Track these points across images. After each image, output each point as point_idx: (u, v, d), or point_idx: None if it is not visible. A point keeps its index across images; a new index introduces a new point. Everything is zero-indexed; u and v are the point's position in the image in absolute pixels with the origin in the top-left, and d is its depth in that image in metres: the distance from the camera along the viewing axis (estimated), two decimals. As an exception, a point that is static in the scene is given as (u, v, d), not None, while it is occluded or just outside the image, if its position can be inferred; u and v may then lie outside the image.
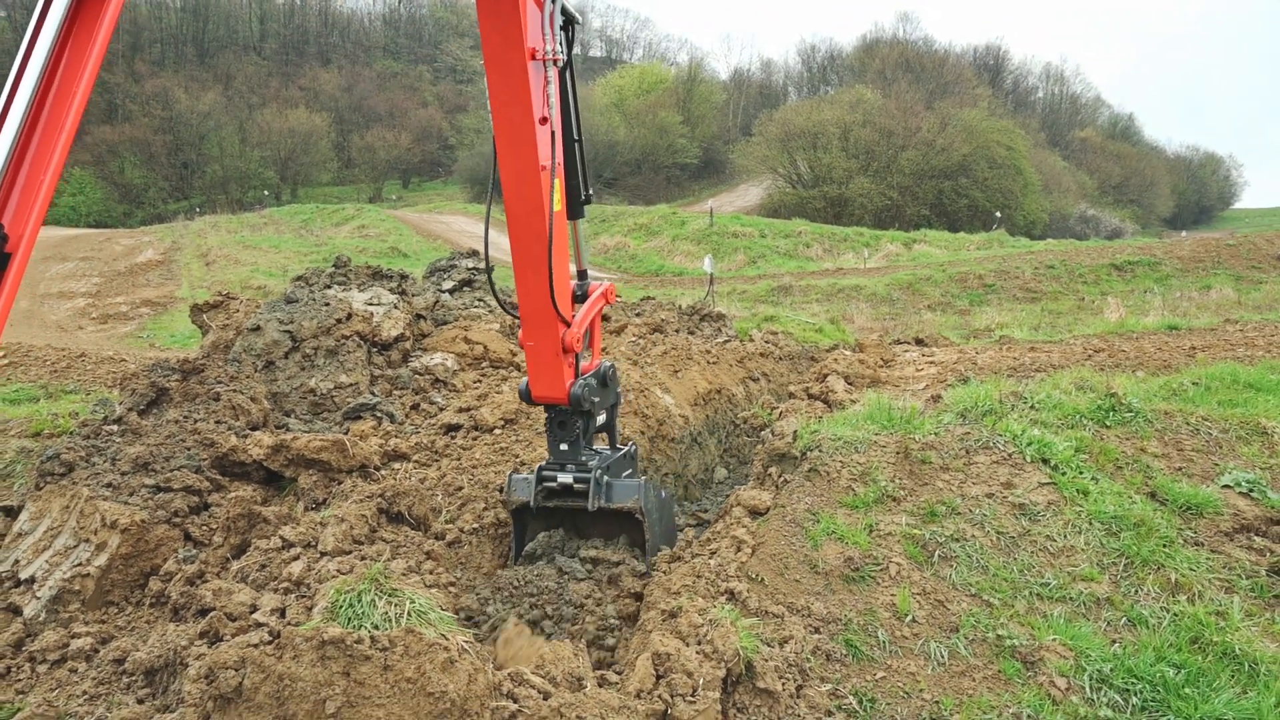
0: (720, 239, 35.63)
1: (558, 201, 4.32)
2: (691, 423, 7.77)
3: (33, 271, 30.48)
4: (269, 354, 6.63)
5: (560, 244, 4.37)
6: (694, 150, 72.01)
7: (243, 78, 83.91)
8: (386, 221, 42.65)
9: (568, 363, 4.59)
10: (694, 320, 12.33)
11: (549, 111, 4.10)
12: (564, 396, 4.59)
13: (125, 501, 4.82)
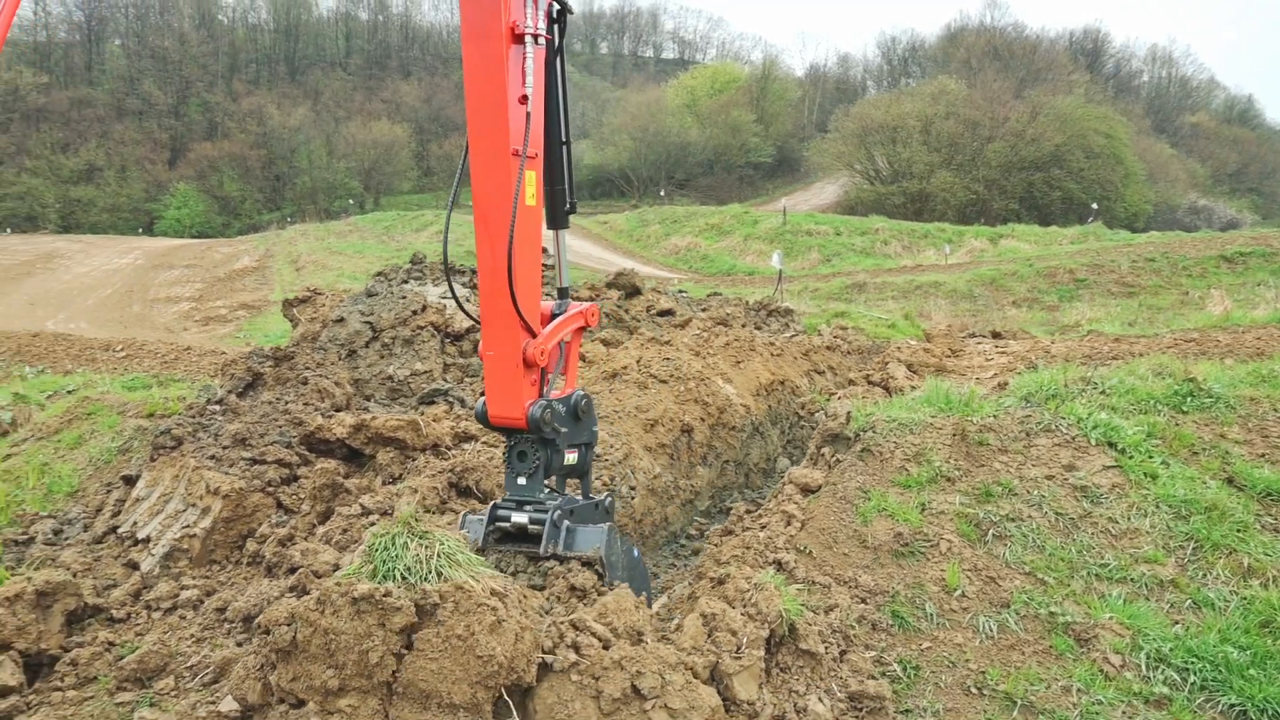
0: (793, 237, 35.42)
1: (531, 196, 3.83)
2: (753, 412, 7.88)
3: (143, 278, 32.35)
4: (351, 343, 7.01)
5: (528, 243, 3.80)
6: (767, 149, 71.63)
7: (330, 93, 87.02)
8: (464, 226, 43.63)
9: (530, 379, 3.94)
10: (761, 315, 12.41)
11: (527, 90, 3.70)
12: (521, 418, 3.91)
13: (226, 472, 5.23)
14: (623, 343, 8.66)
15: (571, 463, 4.20)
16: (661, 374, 7.16)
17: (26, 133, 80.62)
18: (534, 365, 3.90)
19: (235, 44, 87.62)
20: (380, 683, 3.13)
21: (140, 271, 34.80)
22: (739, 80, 76.67)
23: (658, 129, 64.73)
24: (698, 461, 6.85)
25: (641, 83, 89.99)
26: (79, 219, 70.25)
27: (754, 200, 61.36)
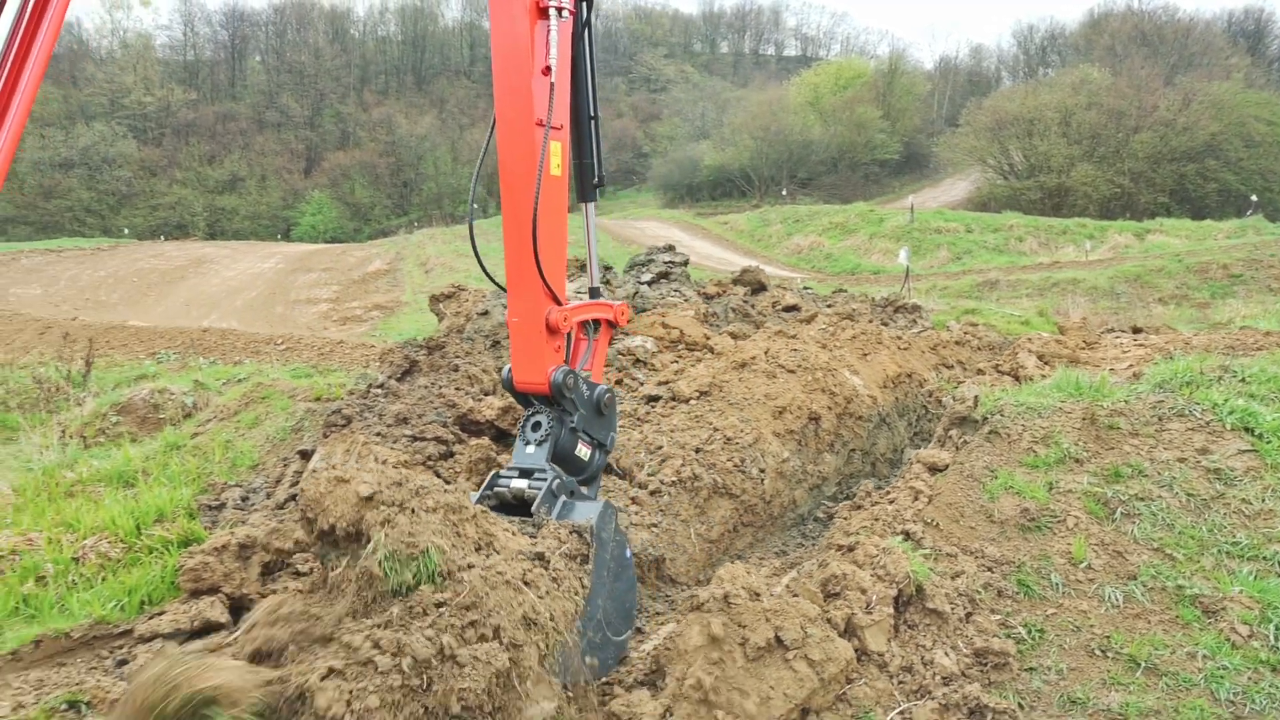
0: (921, 235, 34.83)
1: (556, 166, 3.94)
2: (880, 403, 8.11)
3: (284, 281, 34.77)
4: (495, 334, 7.66)
5: (553, 212, 3.91)
6: (894, 145, 70.30)
7: (454, 100, 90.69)
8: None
9: (554, 346, 3.97)
10: (887, 312, 12.53)
11: (551, 62, 3.84)
12: (544, 384, 3.92)
13: (391, 447, 5.90)
14: (750, 336, 9.04)
15: (583, 457, 4.10)
16: (789, 364, 7.50)
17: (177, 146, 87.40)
18: (557, 331, 3.96)
19: (366, 56, 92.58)
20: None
21: (281, 275, 37.34)
22: (864, 76, 75.52)
23: (779, 128, 64.53)
24: (825, 449, 7.16)
25: (762, 81, 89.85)
26: (223, 226, 75.67)
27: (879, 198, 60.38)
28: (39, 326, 16.02)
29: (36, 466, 7.97)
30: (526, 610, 3.18)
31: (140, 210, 78.43)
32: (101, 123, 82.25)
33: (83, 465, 7.72)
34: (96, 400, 9.42)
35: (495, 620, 3.05)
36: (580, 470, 4.11)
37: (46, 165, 75.84)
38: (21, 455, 8.74)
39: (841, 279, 30.10)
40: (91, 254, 43.70)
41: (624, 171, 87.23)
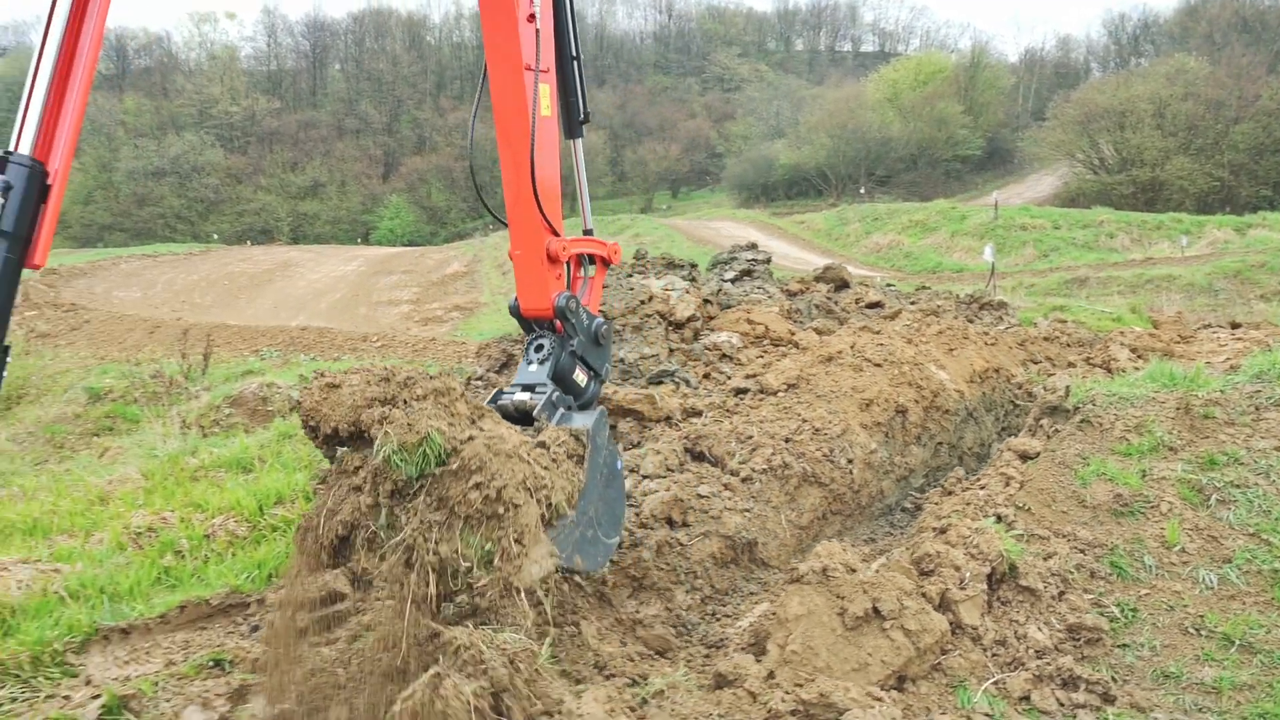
0: (1006, 232, 34.22)
1: (546, 107, 4.26)
2: (967, 398, 8.21)
3: (366, 284, 35.99)
4: (586, 330, 8.01)
5: (547, 150, 4.26)
6: (976, 141, 68.95)
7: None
8: (659, 230, 45.23)
9: (555, 274, 4.32)
10: (973, 309, 12.52)
11: (535, 9, 4.11)
12: (548, 308, 4.26)
13: (491, 435, 6.29)
14: (835, 331, 9.22)
15: (580, 383, 4.34)
16: (875, 358, 7.67)
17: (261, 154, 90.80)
18: (557, 260, 4.32)
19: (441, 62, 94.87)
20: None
21: (363, 277, 38.62)
22: (945, 70, 74.22)
23: (857, 125, 63.91)
24: (912, 441, 7.31)
25: (839, 78, 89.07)
26: (305, 231, 78.33)
27: (961, 195, 59.33)
28: (148, 326, 17.09)
29: (161, 454, 8.62)
30: (527, 476, 3.43)
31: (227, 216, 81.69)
32: (191, 132, 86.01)
33: (204, 452, 8.34)
34: (210, 394, 10.11)
35: (498, 483, 3.30)
36: (577, 395, 4.37)
37: (140, 174, 79.65)
38: (145, 444, 9.43)
39: (922, 277, 29.80)
40: (185, 258, 45.84)
41: (697, 172, 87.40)
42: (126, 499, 7.44)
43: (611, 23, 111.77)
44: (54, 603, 5.34)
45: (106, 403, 11.33)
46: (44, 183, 2.45)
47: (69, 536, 6.60)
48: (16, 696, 4.47)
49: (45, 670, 4.70)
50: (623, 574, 4.97)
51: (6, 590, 5.26)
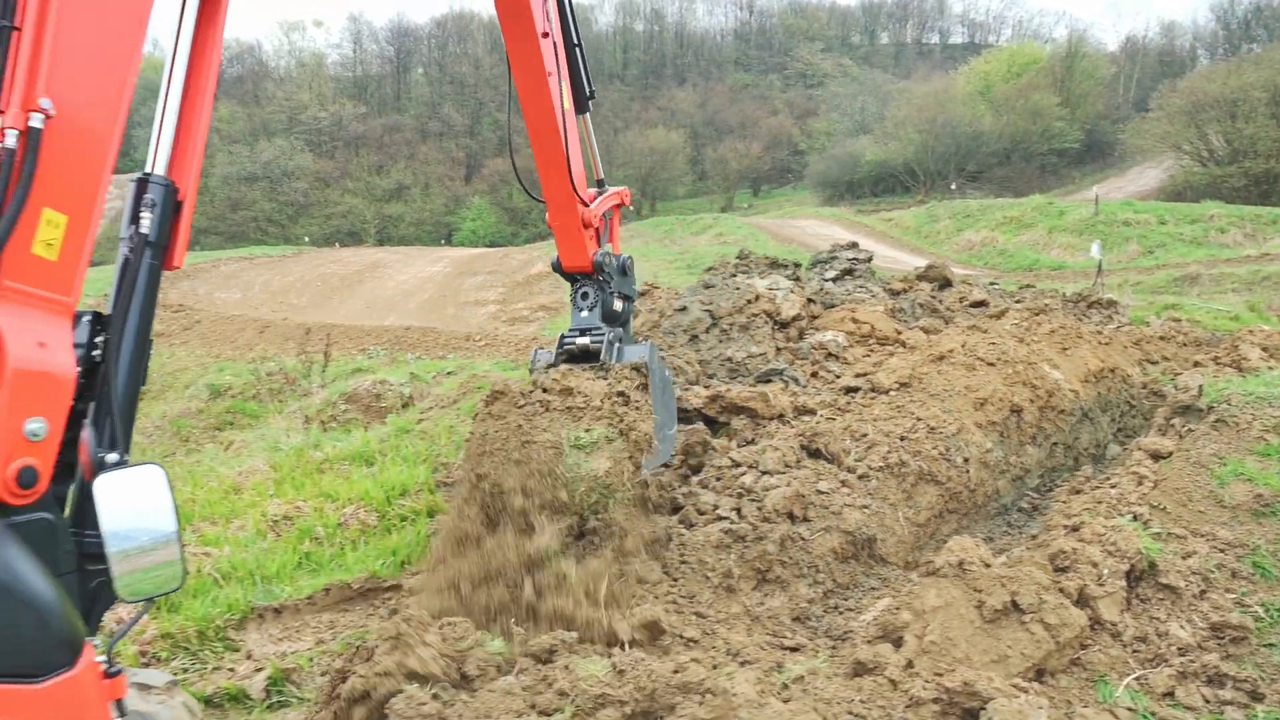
0: (1107, 228, 33.13)
1: (566, 100, 5.20)
2: (1082, 398, 8.13)
3: (452, 284, 36.87)
4: (693, 329, 8.20)
5: (573, 138, 5.28)
6: (1074, 133, 66.79)
7: (609, 104, 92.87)
8: (742, 229, 45.14)
9: (589, 236, 5.49)
10: (1080, 308, 12.29)
11: (550, 26, 4.99)
12: (589, 264, 5.48)
13: (610, 431, 6.52)
14: (941, 330, 9.21)
15: (618, 310, 5.60)
16: (988, 357, 7.67)
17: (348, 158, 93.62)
18: (590, 226, 5.47)
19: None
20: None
21: (449, 278, 39.52)
22: (1040, 61, 72.12)
23: (947, 119, 62.59)
24: (1027, 441, 7.30)
25: (926, 72, 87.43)
26: (390, 233, 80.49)
27: (1058, 190, 57.61)
28: (258, 326, 17.95)
29: (285, 447, 9.12)
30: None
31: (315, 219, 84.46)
32: (281, 138, 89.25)
33: (326, 446, 8.81)
34: (326, 390, 10.64)
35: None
36: (617, 319, 5.59)
37: (234, 179, 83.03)
38: (267, 437, 9.98)
39: (1017, 275, 29.12)
40: (279, 260, 47.62)
41: (779, 169, 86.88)
42: (258, 489, 7.93)
43: (691, 20, 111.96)
44: (209, 583, 5.78)
45: (226, 399, 11.98)
46: (176, 199, 2.80)
47: (210, 523, 7.09)
48: (188, 667, 4.89)
49: (210, 644, 5.12)
50: (748, 566, 5.14)
51: (172, 570, 5.69)
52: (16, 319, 2.28)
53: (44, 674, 1.87)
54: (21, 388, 2.24)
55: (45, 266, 2.37)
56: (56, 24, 2.35)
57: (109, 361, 2.59)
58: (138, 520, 2.34)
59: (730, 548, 5.19)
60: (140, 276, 2.72)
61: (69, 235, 2.41)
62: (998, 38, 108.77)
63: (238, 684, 4.62)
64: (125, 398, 2.70)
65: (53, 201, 2.37)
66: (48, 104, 2.33)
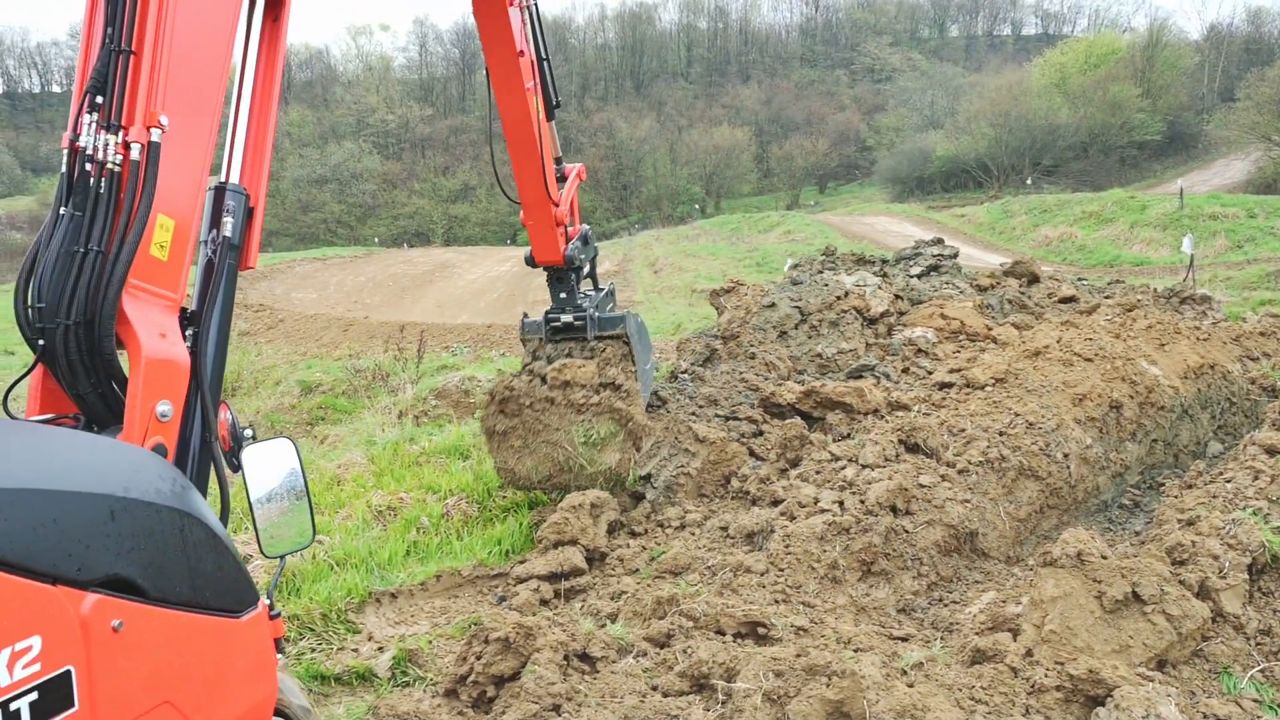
0: (1193, 222, 32.11)
1: (541, 110, 5.85)
2: (1181, 394, 8.01)
3: (520, 283, 37.40)
4: (782, 325, 8.30)
5: (546, 144, 5.92)
6: (1156, 125, 64.78)
7: (672, 103, 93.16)
8: (811, 226, 44.89)
9: (560, 234, 6.24)
10: (1173, 303, 12.05)
11: (527, 46, 5.62)
12: (560, 259, 6.32)
13: (707, 424, 6.66)
14: (1031, 326, 9.15)
15: (587, 272, 6.83)
16: (1085, 353, 7.62)
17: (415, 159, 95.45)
18: (560, 224, 6.26)
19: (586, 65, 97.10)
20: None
21: (517, 278, 40.05)
22: (1119, 51, 70.05)
23: (1021, 113, 61.24)
24: (1126, 437, 7.23)
25: (998, 64, 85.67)
26: (456, 233, 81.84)
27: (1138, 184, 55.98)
28: (341, 325, 18.52)
29: (380, 441, 9.46)
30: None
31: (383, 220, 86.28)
32: (350, 141, 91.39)
33: (422, 440, 9.12)
34: (416, 387, 10.98)
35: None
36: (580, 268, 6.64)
37: (304, 182, 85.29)
38: (360, 432, 10.36)
39: (1098, 271, 28.45)
40: (351, 261, 48.86)
41: (846, 166, 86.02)
42: (359, 481, 8.26)
43: (756, 17, 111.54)
44: (326, 569, 6.07)
45: (317, 395, 12.42)
46: (249, 205, 3.07)
47: (318, 513, 7.40)
48: (315, 647, 5.17)
49: (333, 626, 5.39)
50: (853, 558, 5.23)
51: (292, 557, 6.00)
52: (143, 313, 2.57)
53: (242, 610, 2.11)
54: (153, 374, 2.53)
55: (159, 266, 2.65)
56: (169, 47, 2.64)
57: (199, 353, 2.81)
58: (277, 485, 2.62)
59: (834, 540, 5.28)
60: (223, 276, 2.96)
61: (176, 238, 2.70)
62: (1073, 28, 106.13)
63: (365, 663, 4.86)
64: (213, 384, 2.93)
65: (164, 207, 2.65)
66: (165, 120, 2.61)
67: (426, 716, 3.92)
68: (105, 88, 2.62)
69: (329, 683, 4.76)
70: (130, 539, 1.79)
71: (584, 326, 6.54)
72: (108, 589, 1.70)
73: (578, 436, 6.51)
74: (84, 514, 1.71)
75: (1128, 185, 51.61)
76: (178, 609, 1.88)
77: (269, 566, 5.58)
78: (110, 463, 1.95)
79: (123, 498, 1.81)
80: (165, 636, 1.83)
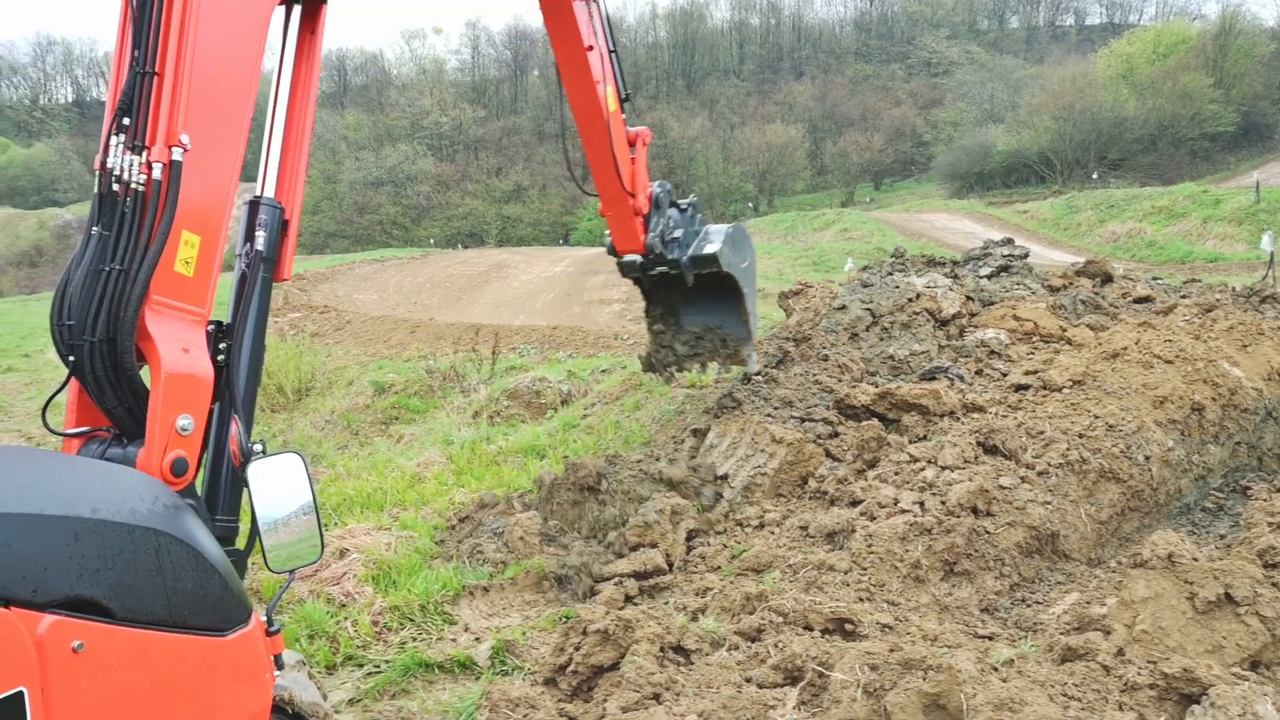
0: (1270, 217, 31.33)
1: (613, 103, 5.95)
2: (1265, 396, 7.94)
3: (575, 283, 37.71)
4: (853, 327, 8.41)
5: (620, 138, 6.08)
6: (1229, 116, 62.99)
7: (724, 100, 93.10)
8: (868, 224, 44.61)
9: (640, 223, 6.40)
10: (1253, 302, 11.85)
11: (596, 40, 5.66)
12: (641, 247, 6.57)
13: (782, 426, 6.82)
14: (1106, 327, 9.12)
15: (679, 235, 6.80)
16: (1165, 354, 7.61)
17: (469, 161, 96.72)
18: (639, 214, 6.42)
19: (637, 63, 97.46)
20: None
21: (572, 278, 40.39)
22: (1189, 40, 68.26)
23: (1085, 105, 60.00)
24: (1209, 440, 7.21)
25: (1061, 56, 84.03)
26: (509, 234, 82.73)
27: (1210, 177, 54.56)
28: (409, 326, 19.01)
29: (456, 440, 9.77)
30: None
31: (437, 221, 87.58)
32: (405, 143, 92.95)
33: (498, 439, 9.40)
34: (489, 387, 11.30)
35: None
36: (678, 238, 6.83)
37: (360, 184, 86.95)
38: (434, 431, 10.69)
39: (1169, 269, 27.89)
40: (408, 262, 49.69)
41: (902, 162, 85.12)
42: (439, 479, 8.56)
43: (809, 12, 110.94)
44: (418, 563, 6.35)
45: (390, 395, 12.81)
46: (283, 218, 3.18)
47: (401, 509, 7.72)
48: (415, 636, 5.44)
49: (430, 617, 5.66)
50: (935, 558, 5.35)
51: (385, 551, 6.31)
52: (165, 329, 2.65)
53: (229, 628, 2.13)
54: (173, 389, 2.60)
55: (184, 282, 2.74)
56: (190, 68, 2.72)
57: (232, 365, 2.89)
58: (284, 500, 2.61)
59: (916, 540, 5.40)
60: (256, 289, 3.06)
61: (202, 254, 2.79)
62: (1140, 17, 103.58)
63: (465, 652, 5.12)
64: (246, 396, 3.00)
65: (189, 224, 2.74)
66: (186, 139, 2.69)
67: (533, 702, 4.14)
68: (132, 109, 2.69)
69: (433, 670, 5.02)
70: (96, 560, 1.79)
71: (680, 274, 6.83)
72: (68, 610, 1.69)
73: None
74: (42, 537, 1.71)
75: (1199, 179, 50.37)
76: (151, 629, 1.87)
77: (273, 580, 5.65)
78: (80, 484, 1.98)
79: (89, 519, 1.81)
80: (135, 657, 1.82)
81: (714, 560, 6.06)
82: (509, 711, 4.09)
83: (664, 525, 6.26)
